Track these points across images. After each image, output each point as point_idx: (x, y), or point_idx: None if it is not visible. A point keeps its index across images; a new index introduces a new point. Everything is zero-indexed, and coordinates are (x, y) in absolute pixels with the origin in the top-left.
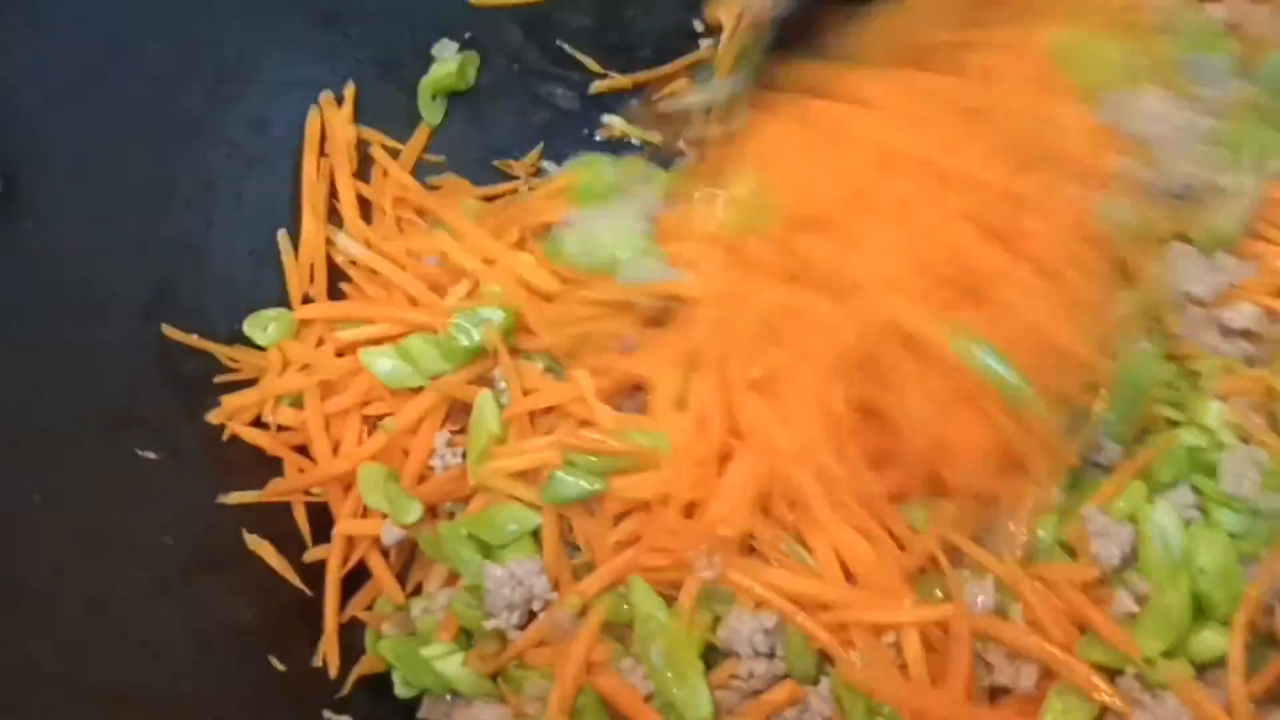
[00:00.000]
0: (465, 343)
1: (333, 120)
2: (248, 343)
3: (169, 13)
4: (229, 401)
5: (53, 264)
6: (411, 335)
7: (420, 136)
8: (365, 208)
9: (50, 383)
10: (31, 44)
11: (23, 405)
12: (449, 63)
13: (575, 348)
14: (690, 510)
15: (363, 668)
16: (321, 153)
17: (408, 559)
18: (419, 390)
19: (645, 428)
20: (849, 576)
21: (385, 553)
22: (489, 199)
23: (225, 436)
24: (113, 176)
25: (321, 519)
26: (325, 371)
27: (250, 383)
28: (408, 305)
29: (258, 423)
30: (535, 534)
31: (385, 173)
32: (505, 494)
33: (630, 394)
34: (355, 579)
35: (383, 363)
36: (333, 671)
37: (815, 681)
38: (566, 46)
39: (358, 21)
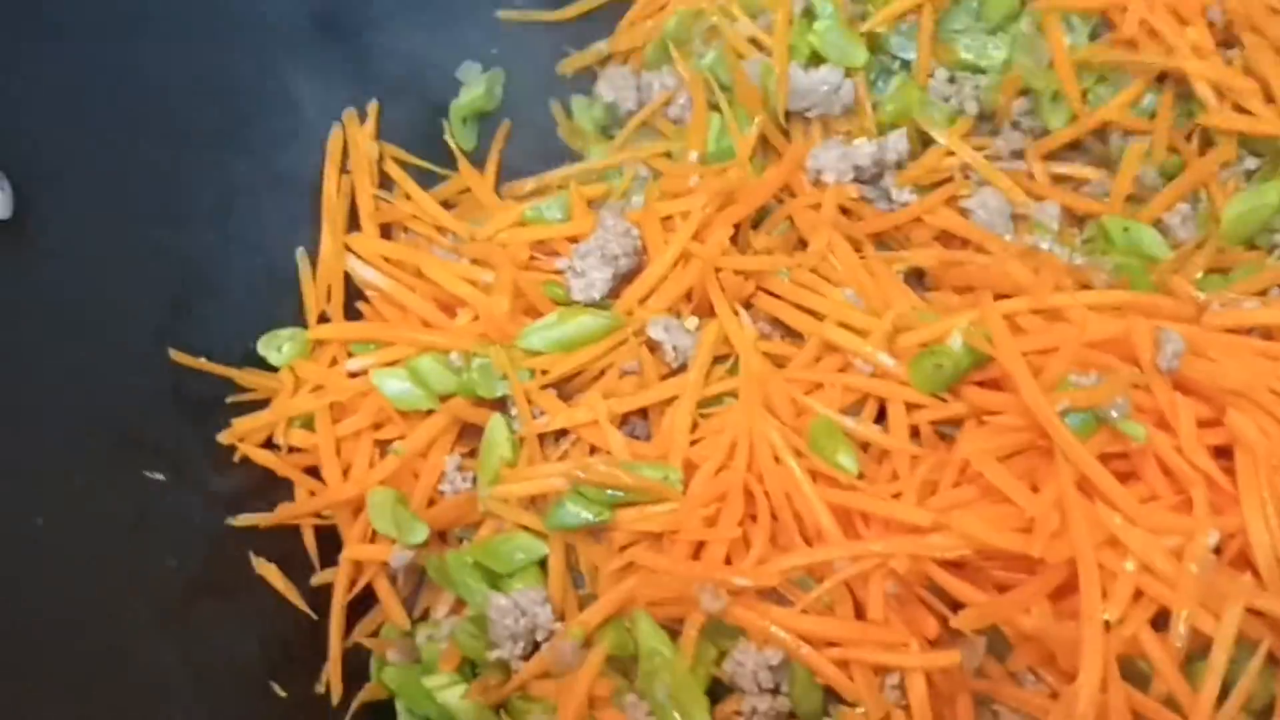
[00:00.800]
0: (483, 393)
1: (355, 137)
2: (261, 362)
3: (188, 26)
4: (240, 423)
5: (65, 281)
6: (422, 355)
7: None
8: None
9: (58, 402)
10: (43, 56)
11: (29, 425)
12: (476, 85)
13: None
14: (698, 547)
15: (366, 695)
16: (343, 170)
17: (416, 584)
18: (430, 412)
19: (658, 458)
20: (860, 613)
21: (393, 578)
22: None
23: (235, 458)
24: (128, 193)
25: (330, 542)
26: (337, 393)
27: (262, 404)
28: (420, 327)
29: (269, 444)
30: (542, 563)
31: (407, 195)
32: (513, 521)
33: (641, 416)
34: (362, 604)
35: (393, 384)
36: (335, 699)
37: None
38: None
39: (382, 38)
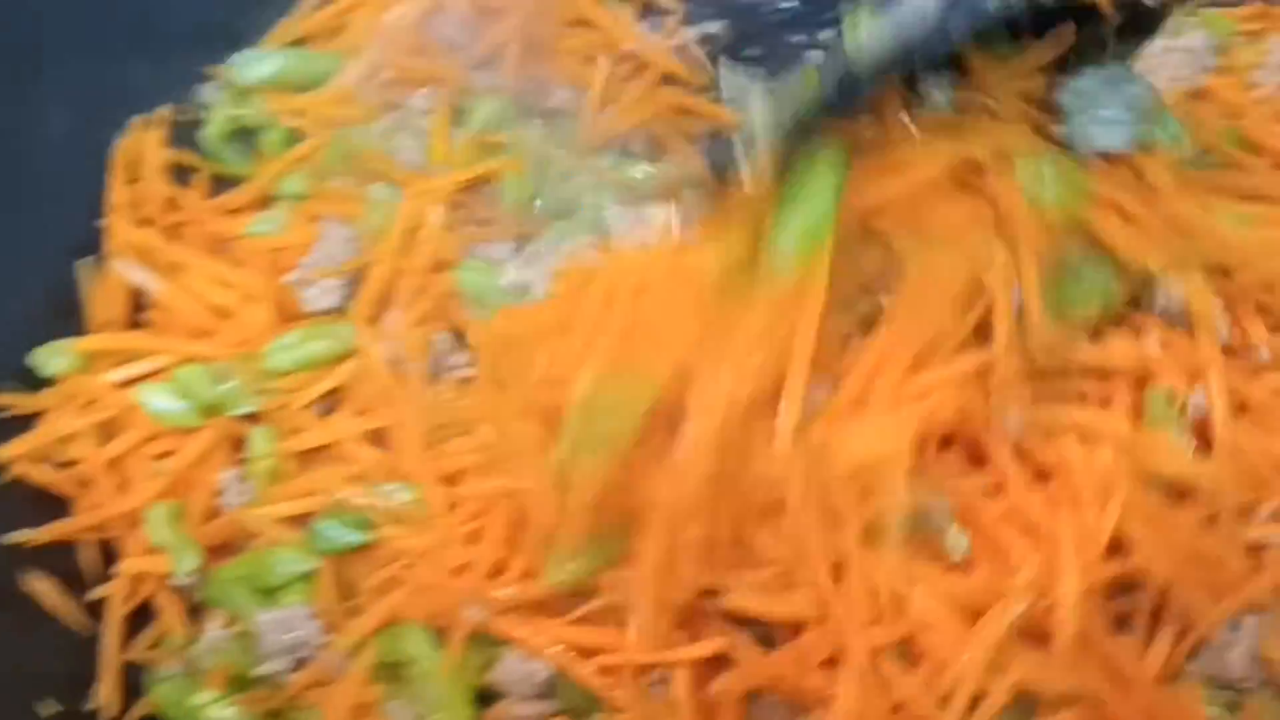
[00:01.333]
0: (239, 410)
1: (142, 142)
2: (36, 376)
3: None
4: (15, 441)
5: None
6: (186, 368)
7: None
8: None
9: None
10: None
11: None
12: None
13: None
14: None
15: (141, 709)
16: (131, 176)
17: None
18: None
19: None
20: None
21: (173, 591)
22: None
23: (11, 475)
24: None
25: (115, 554)
26: (107, 408)
27: (37, 418)
28: (187, 338)
29: (48, 459)
30: (311, 576)
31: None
32: (275, 538)
33: None
34: (146, 617)
35: (158, 400)
36: (111, 713)
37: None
38: None
39: (166, 41)
